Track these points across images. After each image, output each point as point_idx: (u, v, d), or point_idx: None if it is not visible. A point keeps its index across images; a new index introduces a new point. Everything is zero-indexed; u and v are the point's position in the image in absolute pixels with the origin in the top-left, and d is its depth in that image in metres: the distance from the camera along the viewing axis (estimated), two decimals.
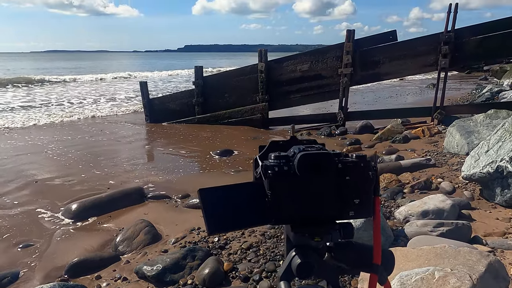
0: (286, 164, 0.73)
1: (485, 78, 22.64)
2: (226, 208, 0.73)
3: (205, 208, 0.71)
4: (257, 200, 0.73)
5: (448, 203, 3.71)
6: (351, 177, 0.74)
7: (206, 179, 5.85)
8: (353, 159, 0.75)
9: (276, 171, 0.73)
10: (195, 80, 10.30)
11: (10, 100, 16.21)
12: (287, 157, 0.75)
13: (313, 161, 0.72)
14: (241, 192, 0.75)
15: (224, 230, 0.74)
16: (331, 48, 9.46)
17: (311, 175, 0.73)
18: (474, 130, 6.12)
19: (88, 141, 8.68)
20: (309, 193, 0.74)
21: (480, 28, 8.55)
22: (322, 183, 0.74)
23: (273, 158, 0.75)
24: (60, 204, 4.84)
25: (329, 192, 0.75)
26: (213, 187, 0.74)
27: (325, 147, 0.80)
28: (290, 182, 0.73)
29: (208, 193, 0.73)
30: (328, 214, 0.76)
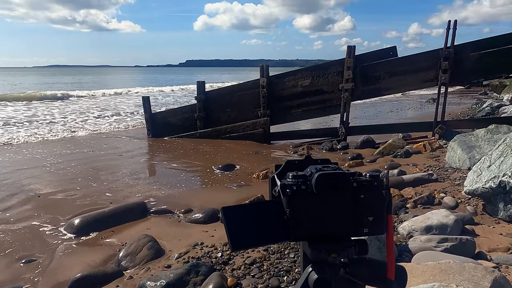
0: (303, 183, 0.77)
1: (484, 93, 22.78)
2: (248, 225, 0.75)
3: (228, 225, 0.73)
4: (277, 217, 0.76)
5: (452, 218, 3.71)
6: (365, 195, 0.77)
7: (209, 194, 5.85)
8: (367, 178, 0.78)
9: (294, 189, 0.76)
10: (197, 95, 10.38)
11: (12, 115, 16.32)
12: (305, 176, 0.78)
13: (330, 181, 0.75)
14: (261, 210, 0.77)
15: (246, 246, 0.76)
16: (332, 64, 9.57)
17: (328, 193, 0.75)
18: (475, 145, 6.15)
19: (90, 156, 8.71)
20: (325, 211, 0.77)
21: (479, 44, 8.67)
22: (338, 201, 0.77)
23: (291, 177, 0.78)
24: (63, 219, 4.84)
25: (345, 210, 0.78)
26: (235, 205, 0.77)
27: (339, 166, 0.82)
28: (308, 200, 0.76)
29: (231, 211, 0.76)
30: (343, 231, 0.79)
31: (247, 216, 0.76)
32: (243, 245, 0.77)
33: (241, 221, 0.75)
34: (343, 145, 8.88)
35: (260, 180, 6.44)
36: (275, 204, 0.77)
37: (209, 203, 5.13)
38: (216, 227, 4.40)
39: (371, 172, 0.79)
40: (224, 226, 0.75)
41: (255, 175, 6.63)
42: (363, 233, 0.79)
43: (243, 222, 0.75)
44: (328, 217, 0.78)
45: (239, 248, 0.75)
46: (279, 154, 8.77)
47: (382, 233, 0.80)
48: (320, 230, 0.78)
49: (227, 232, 0.74)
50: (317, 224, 0.77)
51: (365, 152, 8.22)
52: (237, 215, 0.76)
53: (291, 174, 0.78)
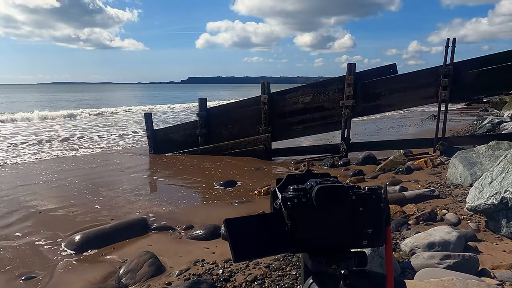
0: (304, 196, 0.78)
1: (485, 110, 22.87)
2: (250, 237, 0.77)
3: (231, 237, 0.75)
4: (278, 230, 0.77)
5: (454, 235, 3.69)
6: (364, 208, 0.79)
7: (210, 210, 5.83)
8: (366, 192, 0.80)
9: (295, 202, 0.78)
10: (199, 111, 10.45)
11: (14, 132, 16.42)
12: (305, 189, 0.80)
13: (330, 193, 0.77)
14: (263, 222, 0.79)
15: (248, 258, 0.78)
16: (333, 81, 9.66)
17: (328, 206, 0.77)
18: (476, 161, 6.15)
19: (92, 172, 8.72)
20: (325, 223, 0.79)
21: (478, 61, 8.76)
22: (337, 213, 0.79)
23: (291, 191, 0.80)
24: (63, 235, 4.83)
25: (344, 222, 0.79)
26: (238, 217, 0.79)
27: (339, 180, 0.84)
28: (308, 212, 0.78)
29: (233, 223, 0.77)
30: (343, 243, 0.80)
31: (249, 228, 0.78)
32: (246, 256, 0.79)
33: (243, 233, 0.76)
34: (344, 161, 8.88)
35: (261, 197, 6.43)
36: (277, 216, 0.79)
37: (210, 220, 5.11)
38: (217, 244, 4.38)
39: (369, 186, 0.81)
40: (227, 237, 0.76)
41: (257, 192, 6.62)
42: (362, 245, 0.81)
43: (245, 233, 0.76)
44: (328, 229, 0.79)
45: (241, 259, 0.77)
46: (280, 170, 8.77)
47: (381, 245, 0.81)
48: (320, 242, 0.79)
49: (229, 243, 0.75)
50: (317, 236, 0.79)
51: (367, 168, 8.22)
52: (240, 227, 0.77)
53: (291, 187, 0.80)
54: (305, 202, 0.78)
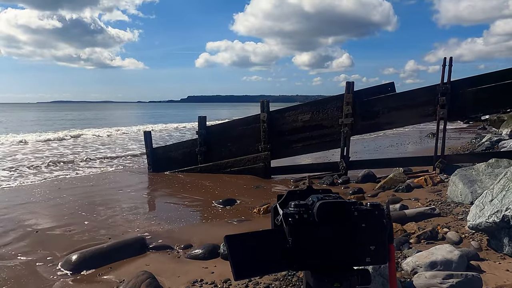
0: (305, 212, 0.77)
1: (483, 128, 22.95)
2: (251, 254, 0.75)
3: (232, 254, 0.73)
4: (279, 246, 0.76)
5: (456, 254, 3.64)
6: (367, 224, 0.78)
7: (209, 229, 5.77)
8: (368, 207, 0.79)
9: (297, 218, 0.76)
10: (199, 129, 10.47)
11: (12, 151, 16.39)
12: (306, 205, 0.79)
13: (332, 209, 0.76)
14: (264, 239, 0.77)
15: (249, 275, 0.76)
16: (332, 99, 9.72)
17: (330, 222, 0.76)
18: (476, 179, 6.13)
19: (90, 190, 8.67)
20: (327, 240, 0.77)
21: (476, 79, 8.84)
22: (339, 230, 0.77)
23: (293, 207, 0.79)
24: (60, 255, 4.76)
25: (346, 238, 0.78)
26: (239, 234, 0.77)
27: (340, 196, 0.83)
28: (310, 229, 0.76)
29: (234, 240, 0.76)
30: (346, 260, 0.78)
31: (250, 245, 0.76)
32: (247, 273, 0.77)
33: (244, 250, 0.75)
34: (344, 179, 8.85)
35: (261, 215, 6.38)
36: (278, 233, 0.78)
37: (209, 239, 5.05)
38: (216, 263, 4.32)
39: (372, 202, 0.79)
40: (227, 254, 0.74)
41: (256, 210, 6.57)
42: (365, 262, 0.79)
43: (246, 250, 0.75)
44: (330, 246, 0.78)
45: (242, 277, 0.75)
46: (280, 188, 8.73)
47: (384, 262, 0.79)
48: (322, 259, 0.77)
49: (230, 260, 0.73)
50: (319, 253, 0.77)
51: (366, 186, 8.19)
52: (241, 244, 0.76)
53: (293, 203, 0.79)
54: (307, 218, 0.77)
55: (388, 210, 0.79)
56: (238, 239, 0.76)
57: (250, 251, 0.75)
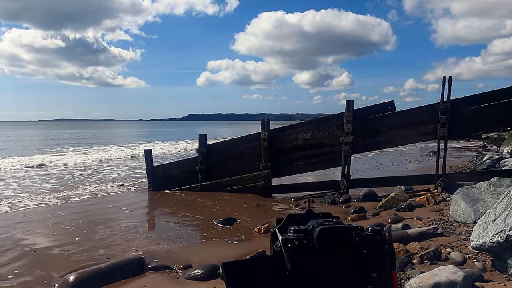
0: (305, 238, 0.75)
1: (484, 146, 22.93)
2: (250, 282, 0.72)
3: (229, 282, 0.71)
4: (278, 273, 0.73)
5: (460, 275, 3.58)
6: (368, 250, 0.75)
7: (208, 249, 5.69)
8: (369, 233, 0.76)
9: (296, 244, 0.74)
10: (199, 148, 10.46)
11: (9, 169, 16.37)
12: (306, 230, 0.76)
13: (332, 235, 0.73)
14: (263, 266, 0.75)
15: None
16: (332, 117, 9.75)
17: (330, 248, 0.73)
18: (479, 198, 6.08)
19: (89, 209, 8.60)
20: (328, 267, 0.74)
21: (476, 98, 8.88)
22: (340, 256, 0.75)
23: (292, 232, 0.76)
24: (57, 275, 4.68)
25: (348, 265, 0.75)
26: (236, 261, 0.75)
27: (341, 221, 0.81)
28: (310, 255, 0.74)
29: (232, 267, 0.73)
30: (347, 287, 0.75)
31: (249, 272, 0.74)
32: None
33: (242, 278, 0.72)
34: (345, 198, 8.79)
35: (261, 235, 6.30)
36: (277, 259, 0.75)
37: (208, 259, 4.98)
38: (216, 284, 4.24)
39: (372, 226, 0.77)
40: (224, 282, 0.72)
41: (256, 229, 6.50)
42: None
43: (244, 278, 0.72)
44: (331, 273, 0.75)
45: None
46: (281, 207, 8.66)
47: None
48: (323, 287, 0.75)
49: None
50: (320, 281, 0.74)
51: (368, 205, 8.11)
52: (238, 271, 0.73)
53: (292, 228, 0.77)
54: (307, 244, 0.74)
55: (390, 235, 0.77)
56: (236, 266, 0.74)
57: (249, 279, 0.73)
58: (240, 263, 0.74)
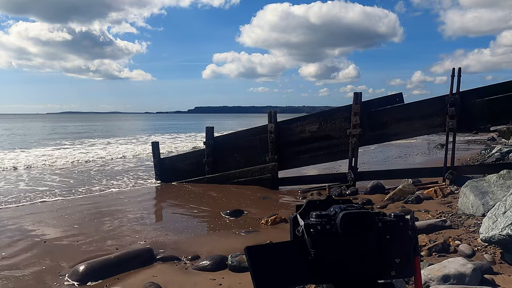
0: (328, 223, 0.74)
1: (492, 139, 22.71)
2: (273, 266, 0.72)
3: (253, 266, 0.71)
4: (301, 258, 0.73)
5: (469, 267, 3.56)
6: (392, 236, 0.75)
7: (216, 240, 5.72)
8: (392, 218, 0.76)
9: (319, 229, 0.74)
10: (206, 140, 10.47)
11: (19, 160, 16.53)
12: (328, 215, 0.76)
13: (355, 220, 0.73)
14: (286, 251, 0.75)
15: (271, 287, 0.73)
16: (340, 110, 9.69)
17: (353, 233, 0.73)
18: (488, 191, 6.03)
19: (97, 201, 8.68)
20: (351, 252, 0.74)
21: (485, 90, 8.76)
22: (363, 241, 0.74)
23: (314, 217, 0.76)
24: (68, 265, 4.74)
25: (370, 250, 0.75)
26: (260, 245, 0.75)
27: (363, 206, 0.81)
28: (333, 240, 0.74)
29: (255, 251, 0.73)
30: (370, 273, 0.75)
31: (271, 257, 0.73)
32: (268, 286, 0.74)
33: (265, 262, 0.72)
34: (352, 190, 8.77)
35: (268, 226, 6.32)
36: (299, 244, 0.75)
37: (216, 250, 5.01)
38: (224, 275, 4.27)
39: (395, 212, 0.77)
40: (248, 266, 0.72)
41: (264, 221, 6.52)
42: (390, 275, 0.75)
43: (267, 262, 0.72)
44: (354, 258, 0.75)
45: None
46: (287, 199, 8.66)
47: (409, 276, 0.76)
48: (346, 272, 0.74)
49: (251, 272, 0.71)
50: (342, 266, 0.74)
51: (375, 197, 8.09)
52: (261, 255, 0.73)
53: (314, 213, 0.76)
54: (329, 229, 0.74)
55: (412, 221, 0.77)
56: (259, 251, 0.73)
57: (271, 263, 0.72)
58: (264, 247, 0.74)
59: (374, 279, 0.76)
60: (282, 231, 6.02)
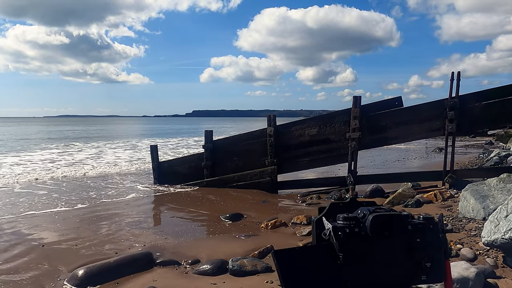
0: (356, 225, 0.71)
1: (490, 143, 22.77)
2: (301, 270, 0.69)
3: (282, 271, 0.67)
4: (329, 263, 0.70)
5: (472, 271, 3.54)
6: (422, 239, 0.72)
7: (216, 244, 5.68)
8: (421, 221, 0.73)
9: (347, 232, 0.71)
10: (205, 143, 10.43)
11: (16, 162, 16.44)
12: (356, 218, 0.73)
13: (386, 222, 0.70)
14: (313, 255, 0.72)
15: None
16: (339, 113, 9.67)
17: (383, 236, 0.70)
18: (488, 194, 6.02)
19: (96, 204, 8.62)
20: (381, 256, 0.71)
21: (484, 94, 8.78)
22: (393, 245, 0.72)
23: (342, 219, 0.73)
24: (66, 269, 4.69)
25: (401, 254, 0.72)
26: (287, 249, 0.72)
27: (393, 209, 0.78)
28: (362, 243, 0.71)
29: (283, 255, 0.70)
30: (401, 278, 0.72)
31: (300, 261, 0.70)
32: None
33: (294, 266, 0.69)
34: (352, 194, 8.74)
35: (268, 230, 6.28)
36: (327, 248, 0.72)
37: (217, 254, 4.97)
38: (225, 280, 4.23)
39: (424, 215, 0.74)
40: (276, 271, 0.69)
41: (263, 225, 6.48)
42: (421, 280, 0.72)
43: (296, 267, 0.69)
44: (384, 262, 0.71)
45: None
46: (287, 203, 8.63)
47: (441, 281, 0.73)
48: (376, 277, 0.71)
49: (280, 277, 0.68)
50: (372, 270, 0.71)
51: (375, 201, 8.06)
52: (289, 260, 0.70)
53: (341, 216, 0.73)
54: (358, 232, 0.71)
55: (442, 223, 0.74)
56: (286, 255, 0.70)
57: (300, 268, 0.69)
58: (291, 251, 0.71)
59: (405, 284, 0.73)
60: (282, 235, 5.99)
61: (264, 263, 4.52)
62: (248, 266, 4.41)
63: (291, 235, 6.01)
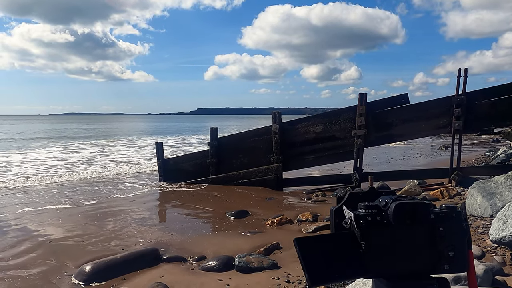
0: (378, 214, 0.71)
1: (497, 141, 22.60)
2: (324, 259, 0.68)
3: (305, 259, 0.67)
4: (351, 251, 0.69)
5: (481, 268, 3.51)
6: (445, 228, 0.71)
7: (222, 240, 5.68)
8: (444, 210, 0.72)
9: (369, 221, 0.70)
10: (210, 141, 10.44)
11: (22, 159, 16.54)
12: (378, 206, 0.72)
13: (409, 211, 0.69)
14: (335, 243, 0.71)
15: (324, 281, 0.69)
16: (344, 111, 9.64)
17: (406, 225, 0.69)
18: (496, 192, 5.97)
19: (102, 201, 8.66)
20: (403, 244, 0.70)
21: (491, 91, 8.71)
22: (416, 233, 0.71)
23: (363, 208, 0.72)
24: (73, 265, 4.72)
25: (424, 243, 0.71)
26: (309, 237, 0.71)
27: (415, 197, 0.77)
28: (384, 232, 0.70)
29: (305, 243, 0.69)
30: (423, 267, 0.71)
31: (322, 249, 0.70)
32: (321, 279, 0.70)
33: (316, 253, 0.68)
34: None
35: (274, 227, 6.28)
36: (349, 236, 0.71)
37: (222, 250, 4.98)
38: (231, 276, 4.23)
39: (447, 204, 0.73)
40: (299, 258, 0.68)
41: (269, 222, 6.48)
42: (443, 270, 0.71)
43: (318, 254, 0.68)
44: (406, 251, 0.71)
45: (317, 283, 0.68)
46: (292, 200, 8.62)
47: (463, 270, 0.72)
48: (398, 266, 0.71)
49: (303, 265, 0.67)
50: (395, 259, 0.70)
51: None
52: (312, 248, 0.69)
53: (363, 204, 0.73)
54: (380, 221, 0.70)
55: (465, 212, 0.73)
56: (308, 243, 0.70)
57: (322, 255, 0.69)
58: (313, 239, 0.70)
59: (427, 273, 0.72)
60: (288, 232, 5.98)
61: (270, 260, 4.52)
62: (254, 262, 4.42)
63: (297, 232, 6.01)
